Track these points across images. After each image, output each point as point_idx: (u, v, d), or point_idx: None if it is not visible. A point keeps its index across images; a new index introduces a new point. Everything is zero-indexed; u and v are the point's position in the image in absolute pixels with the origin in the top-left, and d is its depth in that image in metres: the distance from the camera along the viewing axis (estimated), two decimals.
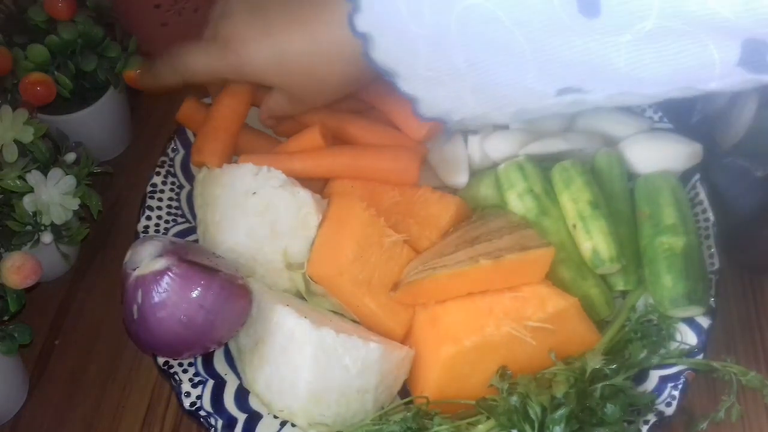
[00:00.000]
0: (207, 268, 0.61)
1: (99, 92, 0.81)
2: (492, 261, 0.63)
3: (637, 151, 0.74)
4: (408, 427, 0.59)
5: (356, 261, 0.66)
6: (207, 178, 0.73)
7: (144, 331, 0.61)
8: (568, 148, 0.74)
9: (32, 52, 0.75)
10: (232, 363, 0.68)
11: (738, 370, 0.64)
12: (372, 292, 0.66)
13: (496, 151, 0.74)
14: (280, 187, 0.69)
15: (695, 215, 0.71)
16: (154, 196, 0.75)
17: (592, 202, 0.68)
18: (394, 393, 0.66)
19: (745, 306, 0.75)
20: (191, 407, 0.64)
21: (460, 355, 0.62)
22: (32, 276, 0.65)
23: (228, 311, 0.62)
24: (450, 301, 0.66)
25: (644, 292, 0.69)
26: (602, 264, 0.66)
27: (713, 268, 0.68)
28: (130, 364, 0.74)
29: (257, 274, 0.69)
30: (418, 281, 0.65)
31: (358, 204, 0.69)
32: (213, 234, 0.70)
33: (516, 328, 0.62)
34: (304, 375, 0.61)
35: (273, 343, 0.63)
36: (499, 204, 0.72)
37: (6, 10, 0.79)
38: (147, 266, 0.60)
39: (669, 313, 0.66)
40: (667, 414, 0.62)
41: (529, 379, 0.60)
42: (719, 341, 0.71)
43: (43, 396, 0.73)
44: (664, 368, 0.64)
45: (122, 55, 0.80)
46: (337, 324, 0.64)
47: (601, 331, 0.66)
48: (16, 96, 0.74)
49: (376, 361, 0.62)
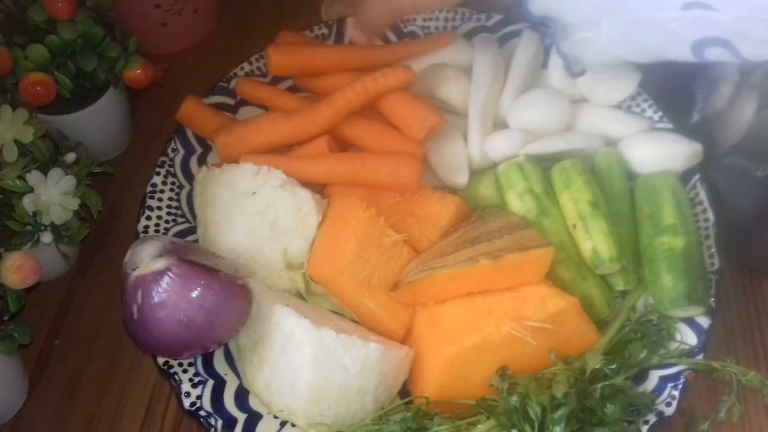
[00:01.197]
0: (207, 268, 0.61)
1: (99, 92, 0.81)
2: (492, 261, 0.63)
3: (637, 151, 0.74)
4: (408, 427, 0.59)
5: (356, 261, 0.66)
6: (207, 178, 0.73)
7: (144, 331, 0.61)
8: (568, 148, 0.73)
9: (32, 52, 0.75)
10: (232, 363, 0.68)
11: (738, 370, 0.64)
12: (372, 292, 0.66)
13: (496, 151, 0.74)
14: (280, 187, 0.69)
15: (695, 215, 0.71)
16: (154, 196, 0.75)
17: (592, 202, 0.68)
18: (394, 393, 0.66)
19: (745, 306, 0.75)
20: (191, 407, 0.64)
21: (460, 355, 0.62)
22: (32, 276, 0.65)
23: (228, 311, 0.62)
24: (450, 301, 0.66)
25: (644, 292, 0.69)
26: (602, 264, 0.66)
27: (713, 268, 0.68)
28: (130, 364, 0.74)
29: (257, 274, 0.69)
30: (418, 281, 0.65)
31: (358, 204, 0.69)
32: (213, 234, 0.70)
33: (516, 328, 0.62)
34: (304, 375, 0.61)
35: (273, 343, 0.63)
36: (499, 204, 0.72)
37: (6, 10, 0.79)
38: (147, 266, 0.60)
39: (669, 313, 0.66)
40: (667, 414, 0.62)
41: (529, 379, 0.60)
42: (719, 341, 0.71)
43: (43, 396, 0.73)
44: (664, 368, 0.64)
45: (122, 55, 0.80)
46: (337, 324, 0.64)
47: (601, 331, 0.66)
48: (16, 96, 0.74)
49: (376, 361, 0.62)
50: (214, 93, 0.83)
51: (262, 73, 0.85)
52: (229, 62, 0.86)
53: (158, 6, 0.92)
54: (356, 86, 0.73)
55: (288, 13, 1.02)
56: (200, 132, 0.81)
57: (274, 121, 0.76)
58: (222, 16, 1.03)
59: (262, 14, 1.03)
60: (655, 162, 0.73)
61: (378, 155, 0.73)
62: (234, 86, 0.84)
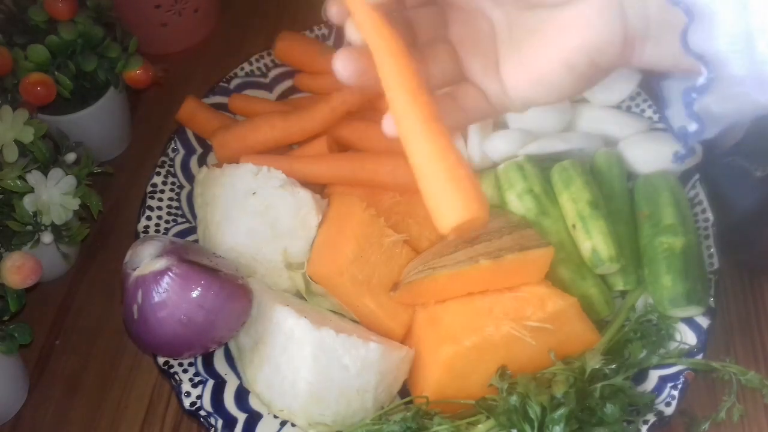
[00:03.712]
0: (207, 268, 0.61)
1: (99, 92, 0.81)
2: (492, 261, 0.63)
3: (637, 151, 0.74)
4: (408, 426, 0.59)
5: (356, 261, 0.66)
6: (207, 178, 0.73)
7: (144, 331, 0.61)
8: (567, 148, 0.74)
9: (32, 52, 0.75)
10: (232, 363, 0.68)
11: (737, 370, 0.64)
12: (372, 292, 0.66)
13: (496, 151, 0.74)
14: (280, 187, 0.69)
15: (695, 215, 0.71)
16: (154, 196, 0.75)
17: (592, 202, 0.68)
18: (394, 393, 0.66)
19: (744, 306, 0.75)
20: (191, 407, 0.64)
21: (460, 355, 0.62)
22: (32, 276, 0.65)
23: (228, 311, 0.62)
24: (450, 301, 0.66)
25: (644, 292, 0.69)
26: (602, 264, 0.67)
27: (713, 268, 0.68)
28: (130, 364, 0.74)
29: (257, 274, 0.69)
30: (418, 281, 0.65)
31: (358, 204, 0.69)
32: (213, 234, 0.71)
33: (516, 328, 0.62)
34: (304, 375, 0.61)
35: (273, 343, 0.63)
36: (499, 204, 0.72)
37: (6, 10, 0.79)
38: (147, 266, 0.61)
39: (668, 313, 0.66)
40: (666, 414, 0.62)
41: (528, 379, 0.60)
42: (719, 341, 0.71)
43: (43, 396, 0.73)
44: (663, 368, 0.64)
45: (122, 55, 0.80)
46: (337, 324, 0.64)
47: (600, 331, 0.66)
48: (16, 96, 0.74)
49: (375, 361, 0.62)
50: (214, 93, 0.83)
51: (262, 73, 0.86)
52: (229, 62, 0.86)
53: (158, 6, 0.92)
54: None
55: (288, 13, 1.02)
56: (200, 132, 0.81)
57: (270, 120, 0.76)
58: (222, 16, 1.03)
59: (262, 14, 1.03)
60: (654, 162, 0.73)
61: (378, 155, 0.73)
62: (234, 86, 0.84)
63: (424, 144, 0.38)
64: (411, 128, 0.39)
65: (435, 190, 0.38)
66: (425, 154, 0.38)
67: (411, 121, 0.39)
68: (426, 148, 0.38)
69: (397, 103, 0.39)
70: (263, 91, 0.85)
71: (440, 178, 0.38)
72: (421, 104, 0.39)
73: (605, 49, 0.40)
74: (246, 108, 0.82)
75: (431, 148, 0.38)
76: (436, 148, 0.38)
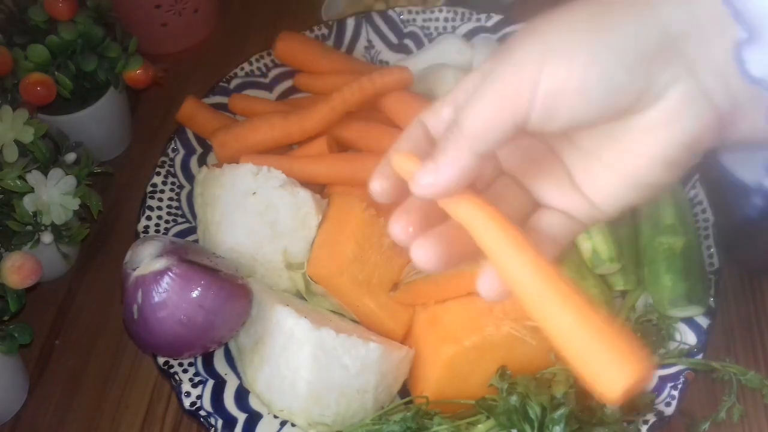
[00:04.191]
0: (207, 268, 0.61)
1: (99, 92, 0.81)
2: None
3: None
4: (408, 426, 0.59)
5: (356, 261, 0.66)
6: (207, 178, 0.73)
7: (144, 331, 0.61)
8: None
9: (32, 52, 0.75)
10: (232, 363, 0.68)
11: (737, 370, 0.64)
12: (372, 292, 0.66)
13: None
14: (280, 187, 0.69)
15: (695, 215, 0.71)
16: (154, 196, 0.75)
17: None
18: (394, 393, 0.66)
19: (745, 306, 0.75)
20: (191, 407, 0.64)
21: (460, 355, 0.62)
22: (32, 276, 0.65)
23: (228, 311, 0.62)
24: (450, 301, 0.66)
25: (644, 292, 0.69)
26: (601, 264, 0.66)
27: (713, 268, 0.68)
28: (130, 364, 0.74)
29: (257, 274, 0.69)
30: (418, 281, 0.65)
31: (358, 204, 0.69)
32: (213, 234, 0.71)
33: (516, 328, 0.62)
34: (304, 375, 0.61)
35: (273, 343, 0.63)
36: None
37: (6, 10, 0.79)
38: (147, 266, 0.61)
39: (668, 313, 0.66)
40: (666, 414, 0.62)
41: (528, 379, 0.60)
42: (719, 341, 0.70)
43: (43, 396, 0.73)
44: (663, 368, 0.64)
45: (122, 55, 0.80)
46: (337, 324, 0.64)
47: None
48: (16, 96, 0.74)
49: (375, 361, 0.62)
50: (214, 93, 0.83)
51: (262, 73, 0.86)
52: (229, 62, 0.86)
53: (158, 6, 0.92)
54: (352, 85, 0.74)
55: (288, 14, 1.02)
56: (200, 132, 0.81)
57: (270, 120, 0.76)
58: (222, 16, 1.03)
59: (262, 14, 1.03)
60: None
61: (378, 155, 0.73)
62: (234, 86, 0.84)
63: (565, 314, 0.34)
64: (541, 295, 0.35)
65: (590, 359, 0.33)
66: (568, 323, 0.34)
67: (538, 287, 0.35)
68: (569, 318, 0.34)
69: (515, 273, 0.35)
70: (263, 91, 0.85)
71: (594, 349, 0.33)
72: (543, 268, 0.35)
73: (703, 137, 0.36)
74: (246, 108, 0.82)
75: (574, 315, 0.34)
76: (579, 314, 0.34)
